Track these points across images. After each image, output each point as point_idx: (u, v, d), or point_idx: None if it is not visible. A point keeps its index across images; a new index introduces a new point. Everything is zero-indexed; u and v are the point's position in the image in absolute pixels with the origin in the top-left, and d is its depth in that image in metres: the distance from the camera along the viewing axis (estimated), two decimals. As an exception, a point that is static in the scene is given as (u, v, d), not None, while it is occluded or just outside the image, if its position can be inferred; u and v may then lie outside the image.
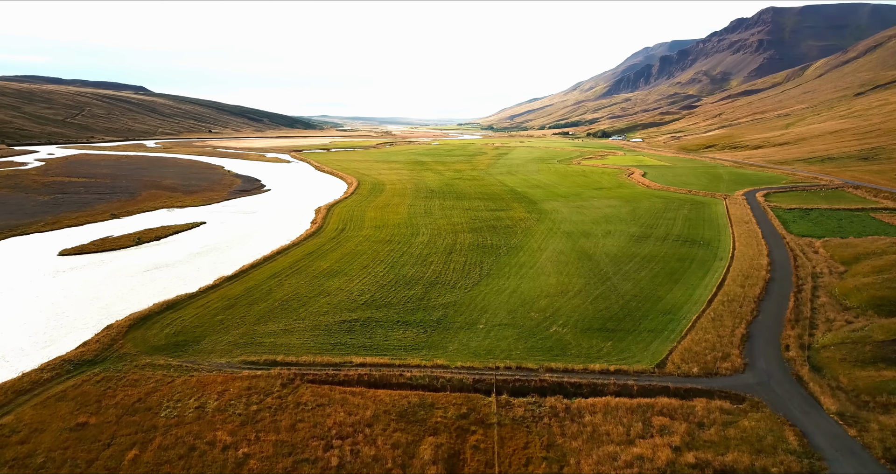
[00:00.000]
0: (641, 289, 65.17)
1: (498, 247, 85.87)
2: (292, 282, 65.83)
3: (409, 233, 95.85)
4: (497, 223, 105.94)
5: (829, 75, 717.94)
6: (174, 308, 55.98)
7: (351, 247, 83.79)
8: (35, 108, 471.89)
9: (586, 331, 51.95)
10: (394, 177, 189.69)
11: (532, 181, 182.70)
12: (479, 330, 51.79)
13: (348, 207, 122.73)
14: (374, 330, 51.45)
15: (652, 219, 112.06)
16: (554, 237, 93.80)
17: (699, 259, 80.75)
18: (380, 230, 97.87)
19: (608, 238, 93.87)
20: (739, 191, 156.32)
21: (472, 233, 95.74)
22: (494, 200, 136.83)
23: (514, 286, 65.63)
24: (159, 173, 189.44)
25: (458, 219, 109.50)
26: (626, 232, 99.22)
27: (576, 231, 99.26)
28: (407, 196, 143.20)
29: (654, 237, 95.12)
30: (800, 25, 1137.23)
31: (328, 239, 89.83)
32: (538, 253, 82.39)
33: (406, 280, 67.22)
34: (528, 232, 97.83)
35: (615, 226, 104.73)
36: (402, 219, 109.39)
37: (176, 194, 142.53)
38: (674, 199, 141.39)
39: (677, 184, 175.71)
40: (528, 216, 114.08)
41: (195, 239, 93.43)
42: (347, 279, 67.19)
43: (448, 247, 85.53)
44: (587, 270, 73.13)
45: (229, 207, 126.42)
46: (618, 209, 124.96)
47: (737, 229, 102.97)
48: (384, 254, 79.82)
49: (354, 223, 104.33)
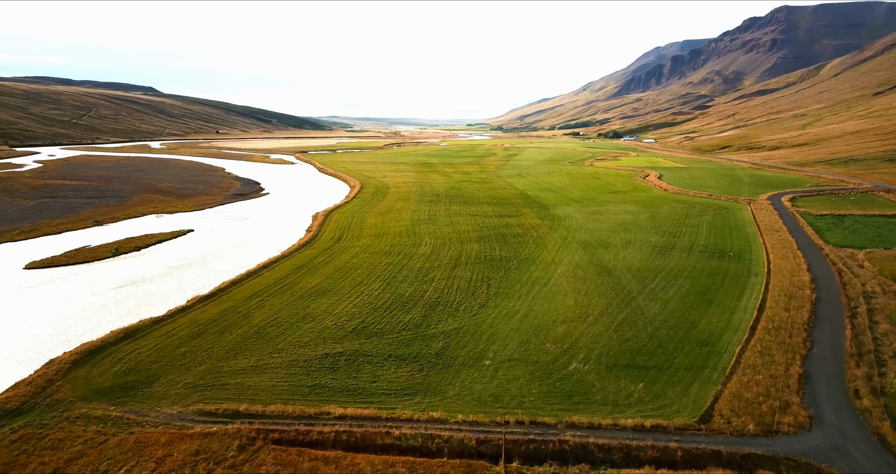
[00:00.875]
0: (671, 313, 56.96)
1: (507, 259, 77.84)
2: (274, 303, 58.17)
3: (410, 242, 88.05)
4: (507, 231, 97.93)
5: (845, 74, 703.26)
6: (133, 336, 48.48)
7: (345, 260, 76.06)
8: (42, 108, 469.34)
9: (612, 369, 43.90)
10: (399, 179, 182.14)
11: (543, 184, 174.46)
12: (485, 367, 43.85)
13: (348, 213, 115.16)
14: (360, 367, 43.63)
15: (674, 227, 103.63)
16: (569, 248, 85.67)
17: (732, 274, 72.30)
18: (379, 239, 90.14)
19: (629, 249, 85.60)
20: (763, 195, 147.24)
21: (479, 243, 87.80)
22: (504, 205, 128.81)
23: (527, 308, 57.62)
24: (157, 176, 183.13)
25: (464, 227, 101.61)
26: (647, 241, 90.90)
27: (593, 240, 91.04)
28: (411, 200, 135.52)
29: (679, 248, 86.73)
30: (814, 24, 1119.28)
31: (322, 250, 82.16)
32: (552, 267, 74.29)
33: (403, 300, 59.41)
34: (540, 241, 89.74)
35: (635, 234, 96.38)
36: (405, 226, 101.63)
37: (169, 198, 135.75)
38: (694, 204, 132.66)
39: (696, 187, 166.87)
40: (540, 223, 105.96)
41: (179, 249, 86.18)
42: (337, 299, 59.44)
43: (452, 259, 77.65)
44: (608, 288, 64.99)
45: (222, 213, 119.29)
46: (636, 215, 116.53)
47: (768, 238, 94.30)
48: (381, 269, 72.01)
49: (352, 231, 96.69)
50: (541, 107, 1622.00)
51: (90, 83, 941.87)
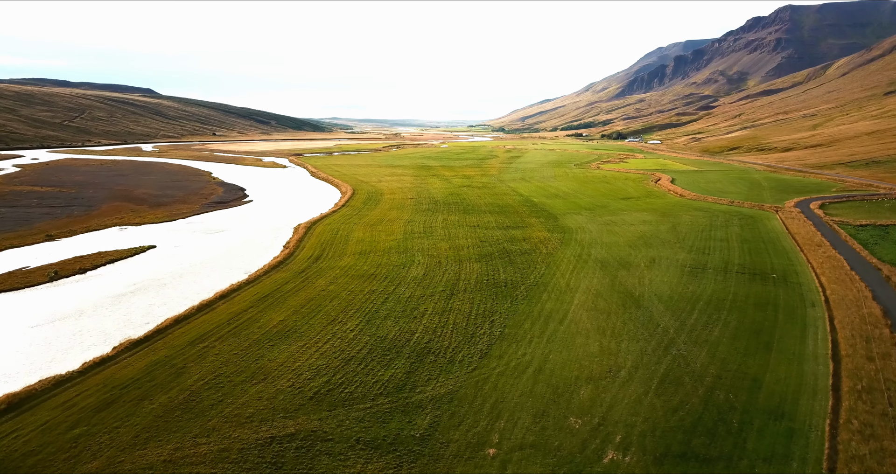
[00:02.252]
0: (724, 363, 44.87)
1: (514, 284, 65.74)
2: (221, 350, 46.09)
3: (400, 262, 75.94)
4: (512, 246, 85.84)
5: (853, 74, 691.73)
6: (20, 408, 36.45)
7: (321, 288, 63.95)
8: (33, 110, 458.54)
9: (663, 461, 31.82)
10: (394, 184, 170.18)
11: (549, 189, 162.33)
12: (487, 461, 31.72)
13: (333, 225, 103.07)
14: (315, 461, 31.44)
15: (700, 241, 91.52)
16: (585, 268, 73.55)
17: (784, 304, 60.18)
18: (364, 258, 78.03)
19: (654, 269, 73.48)
20: (789, 202, 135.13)
21: (480, 263, 75.69)
22: (508, 214, 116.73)
23: (540, 358, 45.51)
24: (137, 181, 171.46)
25: (463, 241, 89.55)
26: (673, 259, 78.78)
27: (611, 259, 78.88)
28: (406, 209, 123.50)
29: (712, 268, 74.59)
30: (819, 23, 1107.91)
31: (295, 273, 70.04)
32: (568, 295, 62.20)
33: (385, 346, 47.31)
34: (551, 260, 77.62)
35: (658, 250, 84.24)
36: (396, 241, 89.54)
37: (141, 207, 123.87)
38: (717, 212, 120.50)
39: (713, 192, 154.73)
40: (549, 236, 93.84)
41: (132, 271, 74.13)
42: (301, 345, 47.35)
43: (449, 284, 65.58)
44: (638, 325, 52.90)
45: (195, 224, 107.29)
46: (655, 226, 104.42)
47: (811, 255, 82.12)
48: (362, 299, 59.88)
49: (336, 248, 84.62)
50: (542, 108, 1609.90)
51: (88, 85, 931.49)
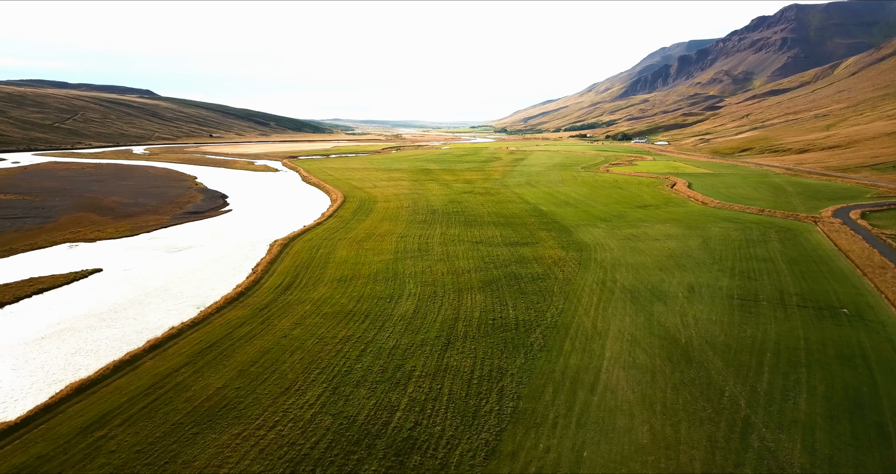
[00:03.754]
0: (832, 464, 31.51)
1: (528, 326, 52.36)
2: (122, 444, 32.68)
3: (387, 292, 62.60)
4: (521, 269, 72.45)
5: (863, 73, 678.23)
6: None
7: (282, 332, 50.58)
8: (23, 112, 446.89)
9: None
10: (390, 190, 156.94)
11: (558, 196, 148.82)
12: None
13: (315, 241, 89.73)
14: None
15: (741, 261, 78.03)
16: (612, 301, 60.18)
17: (875, 356, 46.66)
18: (344, 287, 64.68)
19: (696, 301, 60.08)
20: (824, 210, 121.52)
21: (484, 293, 62.34)
22: (515, 227, 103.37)
23: (570, 457, 32.03)
24: (112, 188, 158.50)
25: (464, 263, 76.21)
26: (716, 287, 65.36)
27: (642, 287, 65.47)
28: (400, 220, 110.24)
29: (766, 299, 61.16)
30: (825, 23, 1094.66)
31: (256, 309, 56.69)
32: (596, 342, 48.80)
33: (353, 437, 33.87)
34: (569, 288, 64.22)
35: (695, 274, 70.77)
36: (384, 263, 76.17)
37: (105, 219, 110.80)
38: (748, 223, 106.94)
39: (737, 198, 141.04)
40: (564, 255, 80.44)
41: (60, 304, 60.89)
42: (237, 433, 34.04)
43: (445, 326, 52.24)
44: (696, 394, 39.46)
45: (158, 240, 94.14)
46: (684, 241, 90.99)
47: (879, 281, 68.47)
48: (331, 352, 46.46)
49: (312, 272, 71.30)
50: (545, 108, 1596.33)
51: (86, 86, 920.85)
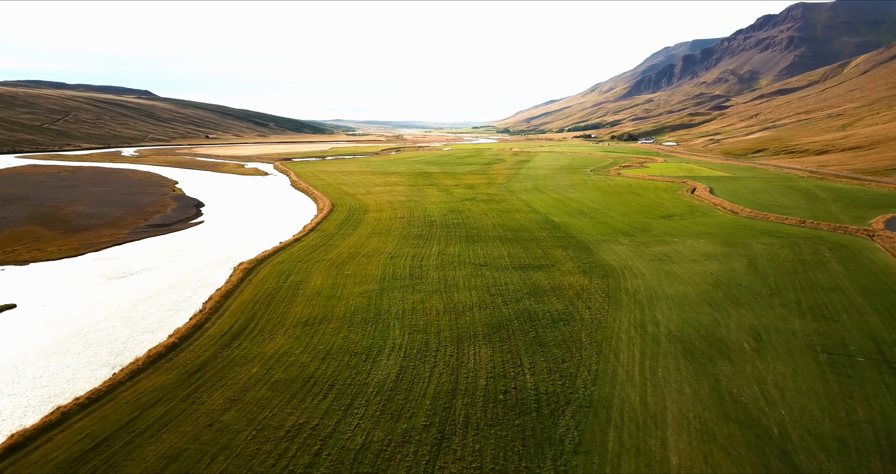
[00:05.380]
0: None
1: (553, 406, 37.68)
2: None
3: (364, 344, 48.03)
4: (537, 306, 57.82)
5: (875, 72, 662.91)
6: None
7: (207, 419, 35.94)
8: (12, 112, 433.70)
9: None
10: (384, 197, 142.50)
11: (570, 203, 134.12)
12: None
13: (286, 264, 75.13)
14: None
15: (803, 291, 63.38)
16: (660, 356, 45.58)
17: None
18: (309, 335, 50.06)
19: (770, 357, 45.49)
20: (874, 221, 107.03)
21: (491, 346, 47.70)
22: (524, 243, 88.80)
23: None
24: (80, 195, 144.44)
25: (465, 296, 61.60)
26: (787, 331, 50.78)
27: (692, 332, 50.82)
28: (392, 234, 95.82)
29: (859, 351, 46.56)
30: (832, 21, 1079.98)
31: (184, 373, 42.13)
32: (652, 435, 34.25)
33: None
34: (601, 336, 49.60)
35: (755, 312, 56.05)
36: (366, 295, 61.55)
37: (52, 234, 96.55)
38: (792, 238, 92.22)
39: (767, 206, 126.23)
40: (587, 284, 65.85)
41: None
42: None
43: (437, 409, 37.52)
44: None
45: (104, 262, 79.70)
46: (726, 263, 76.31)
47: None
48: (268, 459, 31.77)
49: (274, 310, 56.75)
50: (547, 108, 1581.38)
51: (84, 87, 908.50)
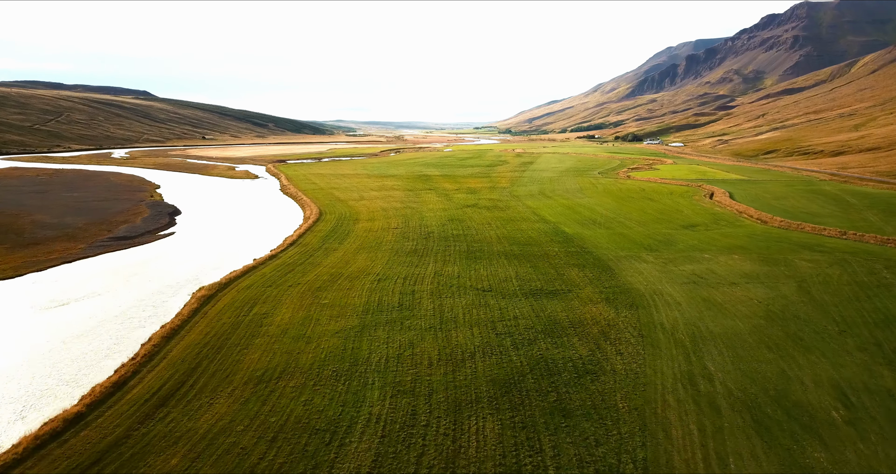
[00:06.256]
0: None
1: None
2: None
3: (330, 416, 36.26)
4: (555, 351, 46.15)
5: (884, 71, 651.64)
6: None
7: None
8: (2, 113, 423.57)
9: None
10: (378, 204, 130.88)
11: (581, 210, 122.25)
12: None
13: (254, 290, 63.42)
14: None
15: (878, 327, 51.70)
16: (725, 434, 33.84)
17: None
18: (260, 400, 38.23)
19: (870, 433, 33.82)
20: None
21: (499, 419, 35.91)
22: (534, 260, 77.09)
23: None
24: (48, 202, 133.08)
25: (465, 335, 49.85)
26: (881, 390, 39.15)
27: (759, 392, 39.07)
28: (382, 249, 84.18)
29: None
30: (837, 20, 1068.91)
31: (76, 467, 30.74)
32: None
33: None
34: (641, 400, 37.99)
35: (830, 359, 44.31)
36: (342, 336, 49.75)
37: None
38: (838, 254, 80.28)
39: (797, 214, 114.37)
40: (612, 317, 54.13)
41: None
42: None
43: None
44: None
45: (43, 285, 68.10)
46: (772, 286, 64.59)
47: None
48: None
49: (223, 359, 45.07)
50: (550, 109, 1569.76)
51: (81, 87, 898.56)
